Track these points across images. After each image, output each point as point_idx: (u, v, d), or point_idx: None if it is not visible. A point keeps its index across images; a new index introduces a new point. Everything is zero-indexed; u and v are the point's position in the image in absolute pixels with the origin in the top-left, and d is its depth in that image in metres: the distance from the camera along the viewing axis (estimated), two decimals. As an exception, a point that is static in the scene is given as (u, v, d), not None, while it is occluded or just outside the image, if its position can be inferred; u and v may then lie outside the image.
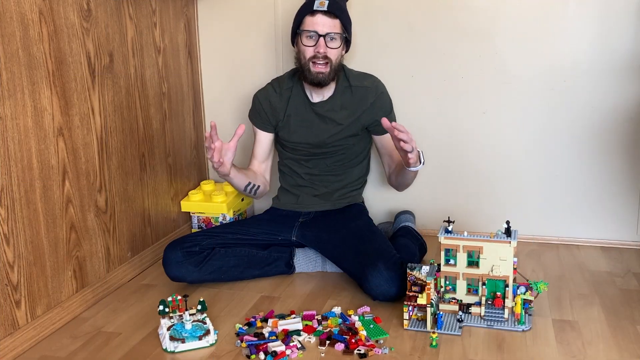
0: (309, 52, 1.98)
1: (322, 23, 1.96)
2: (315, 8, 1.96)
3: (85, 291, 1.86)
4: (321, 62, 1.97)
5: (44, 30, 1.65)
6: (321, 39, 1.96)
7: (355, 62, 2.31)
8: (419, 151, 1.85)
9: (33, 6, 1.61)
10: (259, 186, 2.11)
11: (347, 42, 2.06)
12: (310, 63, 1.98)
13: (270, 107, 2.12)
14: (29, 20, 1.60)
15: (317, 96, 2.10)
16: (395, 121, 2.14)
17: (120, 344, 1.65)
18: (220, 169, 1.88)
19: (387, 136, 2.08)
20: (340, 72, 2.07)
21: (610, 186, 2.26)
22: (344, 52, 2.08)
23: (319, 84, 2.00)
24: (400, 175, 2.04)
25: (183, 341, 1.60)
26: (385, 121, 1.74)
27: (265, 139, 2.17)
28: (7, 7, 1.53)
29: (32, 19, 1.61)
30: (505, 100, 2.28)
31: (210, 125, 1.81)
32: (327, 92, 2.09)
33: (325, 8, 1.95)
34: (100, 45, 1.88)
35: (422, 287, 1.69)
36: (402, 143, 1.74)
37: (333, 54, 1.98)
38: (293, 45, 2.09)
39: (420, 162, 1.87)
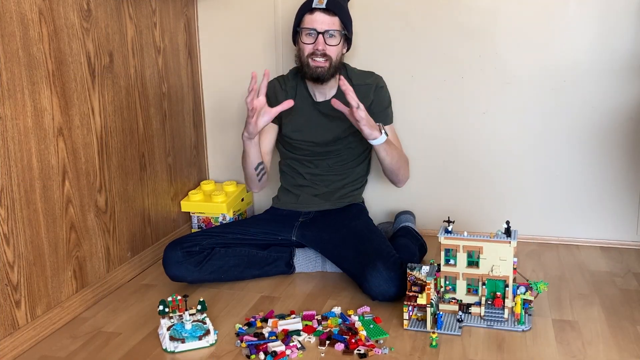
0: (308, 49, 1.99)
1: (320, 20, 1.97)
2: (314, 6, 1.98)
3: (85, 291, 1.86)
4: (320, 59, 1.98)
5: (44, 30, 1.65)
6: (320, 36, 1.97)
7: (356, 62, 2.31)
8: (379, 124, 1.92)
9: (33, 6, 1.61)
10: (265, 172, 2.07)
11: (347, 39, 2.07)
12: (309, 59, 1.99)
13: (277, 100, 2.11)
14: (29, 20, 1.60)
15: (320, 95, 2.11)
16: (391, 120, 2.15)
17: (120, 344, 1.65)
18: (251, 127, 1.85)
19: None
20: (341, 70, 2.08)
21: (610, 186, 2.26)
22: (344, 50, 2.08)
23: (318, 78, 2.01)
24: (381, 162, 2.02)
25: (183, 341, 1.60)
26: (334, 101, 1.88)
27: (271, 129, 2.14)
28: (7, 7, 1.53)
29: (32, 19, 1.61)
30: (506, 100, 2.28)
31: (263, 75, 1.81)
32: (330, 92, 2.09)
33: (323, 6, 1.96)
34: (100, 45, 1.88)
35: (422, 287, 1.69)
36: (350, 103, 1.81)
37: (332, 51, 1.99)
38: (294, 44, 2.09)
39: (381, 133, 1.90)
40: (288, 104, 1.89)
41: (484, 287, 1.72)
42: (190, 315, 1.67)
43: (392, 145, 1.99)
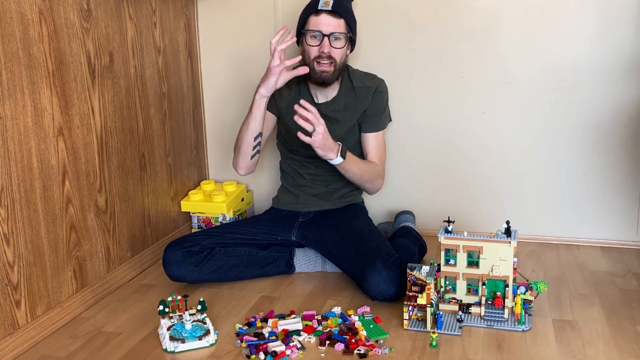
0: (313, 52, 1.98)
1: (326, 23, 1.96)
2: (319, 8, 1.96)
3: (85, 291, 1.86)
4: (325, 62, 1.97)
5: (44, 30, 1.65)
6: (325, 38, 1.96)
7: (356, 62, 2.31)
8: (339, 144, 1.91)
9: (33, 6, 1.61)
10: (259, 151, 2.09)
11: (351, 41, 2.07)
12: (315, 62, 1.98)
13: (280, 93, 2.12)
14: (29, 20, 1.60)
15: (321, 97, 2.10)
16: (383, 126, 2.15)
17: (120, 344, 1.65)
18: (272, 80, 1.89)
19: (369, 136, 2.12)
20: (344, 72, 2.08)
21: (610, 186, 2.26)
22: (348, 52, 2.08)
23: (323, 83, 2.00)
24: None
25: (183, 341, 1.60)
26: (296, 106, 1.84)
27: (269, 117, 2.14)
28: (7, 7, 1.53)
29: (32, 19, 1.61)
30: (505, 100, 2.28)
31: (288, 31, 1.85)
32: (331, 93, 2.09)
33: (329, 8, 1.95)
34: (100, 45, 1.88)
35: (422, 287, 1.69)
36: (300, 120, 1.82)
37: (337, 54, 1.98)
38: (298, 45, 2.09)
39: (337, 156, 1.90)
40: (304, 69, 1.90)
41: (484, 287, 1.72)
42: (190, 315, 1.67)
43: (352, 165, 1.99)
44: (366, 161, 2.10)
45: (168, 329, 1.62)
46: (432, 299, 1.66)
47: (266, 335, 1.66)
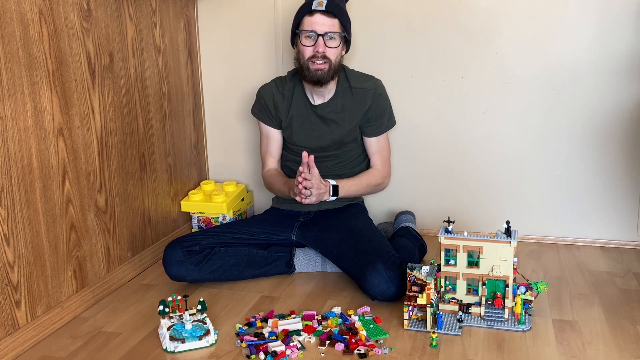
0: (308, 52, 1.98)
1: (320, 22, 1.96)
2: (313, 8, 1.96)
3: (85, 291, 1.86)
4: (320, 61, 1.97)
5: (44, 30, 1.65)
6: (320, 38, 1.96)
7: (356, 62, 2.31)
8: (328, 184, 1.98)
9: (33, 6, 1.61)
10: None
11: (346, 41, 2.07)
12: (309, 62, 1.98)
13: (274, 105, 2.13)
14: (29, 20, 1.60)
15: (318, 98, 2.10)
16: (387, 127, 2.17)
17: (120, 344, 1.65)
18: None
19: (371, 140, 2.16)
20: (340, 72, 2.08)
21: (610, 186, 2.26)
22: (343, 52, 2.08)
23: (319, 81, 2.00)
24: None
25: (183, 341, 1.60)
26: (305, 155, 1.87)
27: (277, 134, 2.18)
28: (7, 7, 1.53)
29: (32, 19, 1.61)
30: (506, 100, 2.28)
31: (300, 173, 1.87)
32: (328, 94, 2.09)
33: (323, 8, 1.95)
34: (100, 45, 1.88)
35: (422, 287, 1.69)
36: (303, 181, 1.87)
37: (332, 54, 1.98)
38: (293, 47, 2.09)
39: (330, 196, 1.99)
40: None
41: (484, 287, 1.72)
42: (190, 315, 1.67)
43: (348, 191, 2.07)
44: (362, 175, 2.14)
45: (168, 329, 1.62)
46: (432, 299, 1.66)
47: (266, 335, 1.66)
